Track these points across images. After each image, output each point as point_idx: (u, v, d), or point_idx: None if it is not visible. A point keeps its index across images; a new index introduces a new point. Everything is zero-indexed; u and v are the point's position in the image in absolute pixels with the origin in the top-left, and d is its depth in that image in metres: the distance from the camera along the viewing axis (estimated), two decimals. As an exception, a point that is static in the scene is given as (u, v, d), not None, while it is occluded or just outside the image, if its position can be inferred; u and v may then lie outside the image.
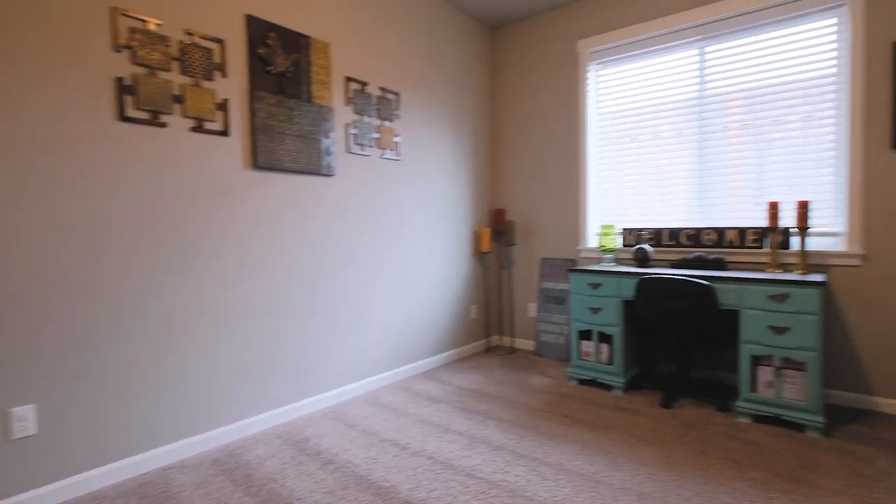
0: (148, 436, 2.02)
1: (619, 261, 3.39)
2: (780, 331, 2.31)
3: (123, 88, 1.91)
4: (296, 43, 2.53)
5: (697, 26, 3.01)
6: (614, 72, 3.41)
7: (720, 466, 1.95)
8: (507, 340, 4.05)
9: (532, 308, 3.87)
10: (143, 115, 1.98)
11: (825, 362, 2.67)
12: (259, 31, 2.37)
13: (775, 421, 2.39)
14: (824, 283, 2.25)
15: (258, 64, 2.37)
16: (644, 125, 3.29)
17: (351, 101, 2.83)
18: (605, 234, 3.14)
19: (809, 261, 2.67)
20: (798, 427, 2.31)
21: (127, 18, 1.92)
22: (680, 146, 3.14)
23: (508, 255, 4.01)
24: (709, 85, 3.02)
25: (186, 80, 2.11)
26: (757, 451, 2.09)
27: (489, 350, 3.92)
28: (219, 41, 2.22)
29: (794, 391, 2.29)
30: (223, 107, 2.24)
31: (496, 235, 4.05)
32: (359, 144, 2.88)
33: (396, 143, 3.13)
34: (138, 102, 1.95)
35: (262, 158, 2.38)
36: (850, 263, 2.56)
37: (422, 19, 3.32)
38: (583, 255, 3.57)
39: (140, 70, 1.96)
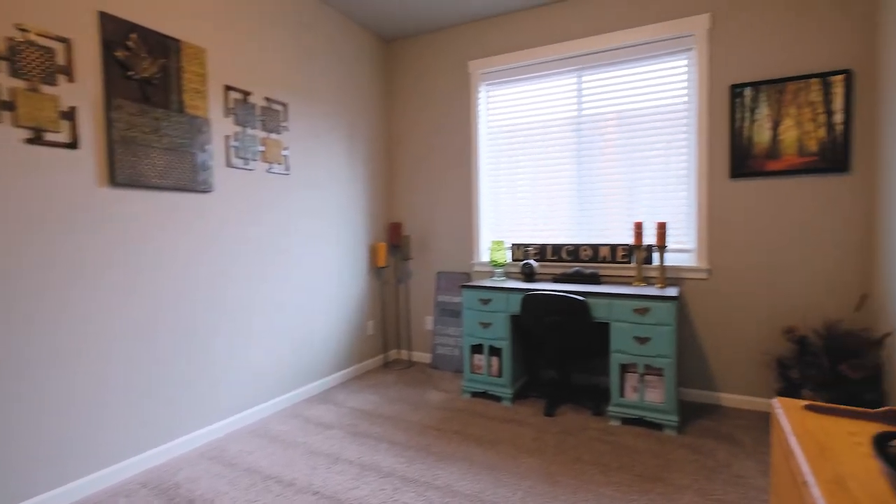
0: (-31, 504, 1.71)
1: (508, 275, 3.55)
2: (642, 341, 2.57)
3: (-71, 93, 1.60)
4: (164, 47, 2.30)
5: (575, 57, 3.26)
6: (503, 92, 3.57)
7: (591, 472, 2.12)
8: (404, 354, 4.05)
9: (429, 321, 3.92)
10: (-41, 125, 1.67)
11: (680, 365, 3.03)
12: (117, 32, 2.11)
13: (640, 422, 2.66)
14: (677, 297, 2.54)
15: (116, 68, 2.11)
16: (531, 145, 3.48)
17: (231, 112, 2.64)
18: (496, 250, 3.27)
19: (668, 275, 3.02)
20: (658, 427, 2.60)
21: (-67, 9, 1.61)
22: (562, 166, 3.37)
23: (405, 269, 4.02)
24: (585, 110, 3.28)
25: (19, 83, 1.81)
26: (623, 453, 2.30)
27: (387, 365, 3.89)
28: (63, 40, 1.94)
29: (655, 394, 2.57)
30: (70, 115, 1.96)
31: (393, 250, 4.03)
32: (241, 158, 2.69)
33: (285, 156, 2.98)
34: (-49, 109, 1.64)
35: (121, 174, 2.12)
36: (699, 277, 2.94)
37: (312, 28, 3.20)
38: (476, 269, 3.68)
39: (-47, 71, 1.65)
